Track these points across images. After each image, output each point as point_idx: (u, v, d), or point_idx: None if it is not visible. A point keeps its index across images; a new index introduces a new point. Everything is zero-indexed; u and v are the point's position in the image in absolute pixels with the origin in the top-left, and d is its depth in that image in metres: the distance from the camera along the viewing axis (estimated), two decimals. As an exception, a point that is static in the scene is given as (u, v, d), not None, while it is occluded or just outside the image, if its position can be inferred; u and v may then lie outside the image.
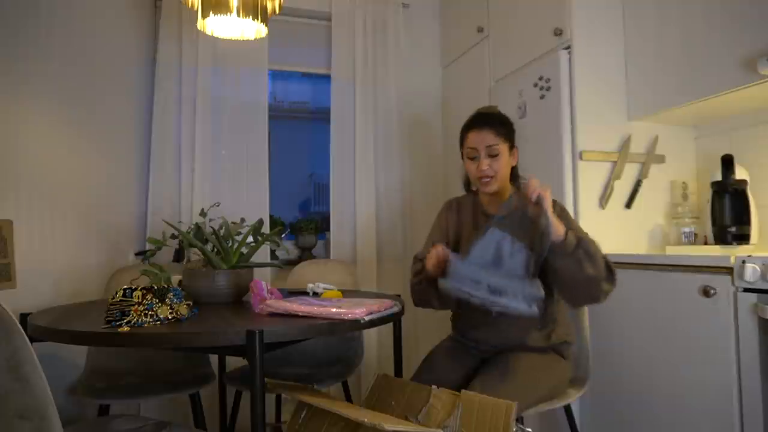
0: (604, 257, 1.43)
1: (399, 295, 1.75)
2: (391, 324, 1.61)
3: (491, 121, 1.58)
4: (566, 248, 1.36)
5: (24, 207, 1.73)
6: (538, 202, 1.34)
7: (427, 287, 1.54)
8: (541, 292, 1.32)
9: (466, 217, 1.70)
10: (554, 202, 1.57)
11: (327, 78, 2.94)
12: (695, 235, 2.06)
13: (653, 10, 2.03)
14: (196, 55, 2.62)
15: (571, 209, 2.05)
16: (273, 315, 1.40)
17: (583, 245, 1.37)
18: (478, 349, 1.62)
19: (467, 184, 1.77)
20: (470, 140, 1.59)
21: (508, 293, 1.31)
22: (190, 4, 1.91)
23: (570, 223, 1.53)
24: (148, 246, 1.76)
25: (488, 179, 1.57)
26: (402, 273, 2.73)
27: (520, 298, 1.30)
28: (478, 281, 1.33)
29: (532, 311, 1.29)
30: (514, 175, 1.68)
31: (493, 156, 1.56)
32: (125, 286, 1.32)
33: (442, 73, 3.17)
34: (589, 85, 2.08)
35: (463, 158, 1.65)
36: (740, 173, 1.90)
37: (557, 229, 1.36)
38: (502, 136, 1.57)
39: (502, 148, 1.57)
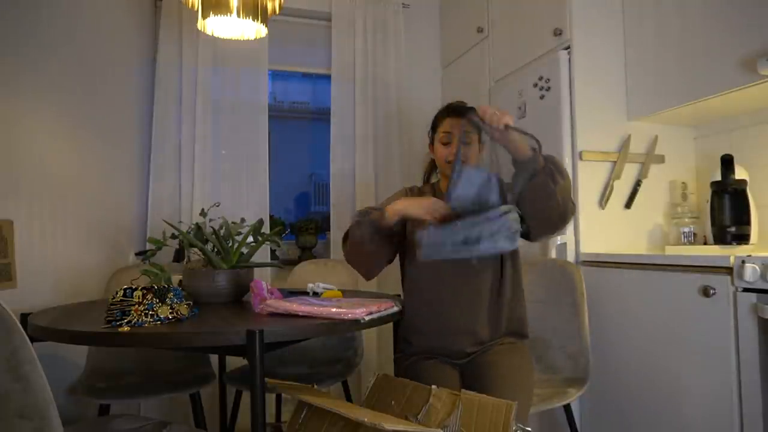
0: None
1: (399, 295, 1.75)
2: (391, 324, 1.61)
3: (468, 111, 1.58)
4: (538, 162, 1.38)
5: (24, 207, 1.73)
6: (507, 127, 1.34)
7: (371, 229, 1.51)
8: (518, 224, 1.33)
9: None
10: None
11: (327, 78, 2.94)
12: (695, 235, 2.06)
13: (653, 10, 2.03)
14: (196, 55, 2.63)
15: (570, 209, 2.05)
16: (273, 315, 1.40)
17: (549, 157, 1.41)
18: (457, 359, 1.58)
19: (428, 174, 1.81)
20: (446, 125, 1.64)
21: (485, 236, 1.30)
22: (190, 4, 1.91)
23: None
24: (149, 246, 1.76)
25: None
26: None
27: (500, 237, 1.30)
28: (455, 241, 1.33)
29: (514, 246, 1.33)
30: None
31: (466, 143, 1.59)
32: (125, 286, 1.32)
33: (442, 73, 3.17)
34: (589, 85, 2.08)
35: (431, 144, 1.70)
36: (740, 173, 1.90)
37: (525, 145, 1.38)
38: (477, 128, 1.57)
39: (474, 138, 1.62)
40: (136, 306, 1.28)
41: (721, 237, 1.90)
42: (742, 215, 1.88)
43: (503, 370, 1.48)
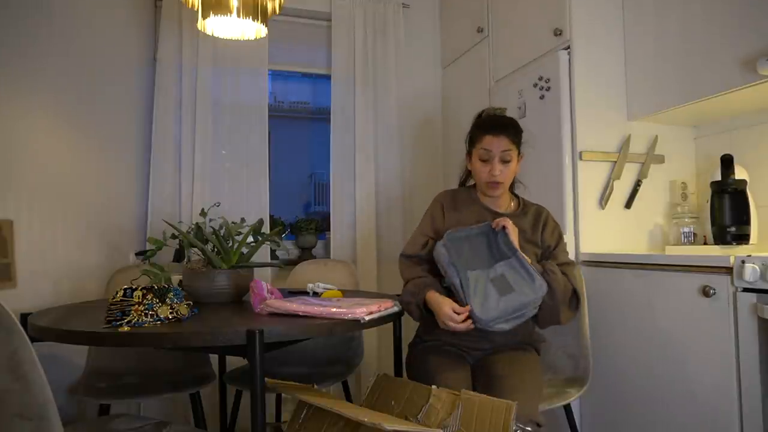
0: (573, 288, 1.57)
1: (399, 295, 1.75)
2: (391, 324, 1.61)
3: (508, 128, 1.62)
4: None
5: (24, 207, 1.73)
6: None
7: (416, 311, 1.56)
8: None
9: (467, 213, 1.68)
10: (548, 217, 1.69)
11: (327, 78, 2.94)
12: (695, 235, 2.06)
13: (653, 10, 2.03)
14: (196, 55, 2.63)
15: (570, 209, 2.05)
16: (273, 315, 1.40)
17: (545, 276, 1.51)
18: (469, 353, 1.62)
19: (464, 179, 1.78)
20: (486, 142, 1.61)
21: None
22: (190, 4, 1.91)
23: (558, 243, 1.66)
24: (149, 246, 1.75)
25: (497, 184, 1.62)
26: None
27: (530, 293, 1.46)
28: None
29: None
30: (513, 181, 1.75)
31: (505, 162, 1.60)
32: (125, 286, 1.32)
33: (442, 73, 3.17)
34: (589, 85, 2.08)
35: (469, 156, 1.67)
36: (740, 173, 1.90)
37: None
38: (515, 144, 1.61)
39: (514, 155, 1.61)
40: (136, 306, 1.28)
41: (721, 237, 1.90)
42: (742, 215, 1.87)
43: (514, 362, 1.51)
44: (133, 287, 1.32)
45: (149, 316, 1.28)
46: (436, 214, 1.70)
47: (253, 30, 2.03)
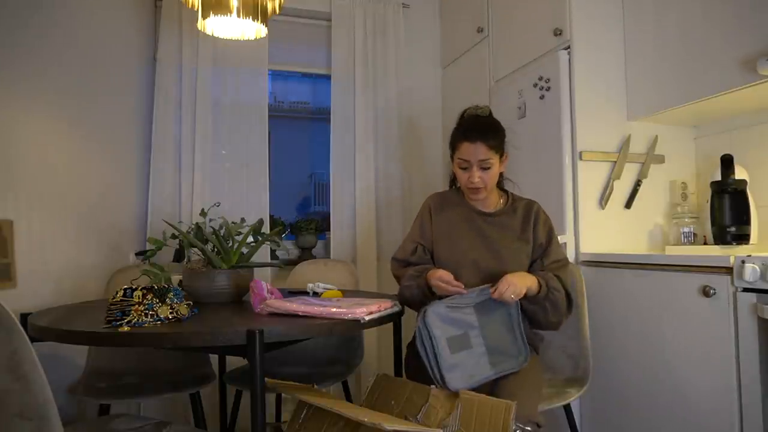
0: (566, 291, 1.56)
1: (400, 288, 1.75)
2: (391, 324, 1.61)
3: (485, 133, 1.57)
4: (535, 300, 1.51)
5: (24, 207, 1.73)
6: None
7: (417, 293, 1.55)
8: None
9: (455, 216, 1.68)
10: (539, 211, 1.67)
11: (327, 78, 2.94)
12: (695, 235, 2.06)
13: (653, 9, 2.03)
14: (196, 55, 2.63)
15: (570, 209, 2.05)
16: (273, 315, 1.40)
17: (550, 296, 1.51)
18: None
19: (453, 181, 1.77)
20: (462, 151, 1.58)
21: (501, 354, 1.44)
22: (190, 4, 1.91)
23: (551, 239, 1.63)
24: (149, 246, 1.75)
25: (478, 189, 1.60)
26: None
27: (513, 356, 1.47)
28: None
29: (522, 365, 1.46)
30: (501, 179, 1.72)
31: (484, 168, 1.57)
32: (125, 286, 1.32)
33: (442, 73, 3.17)
34: (589, 85, 2.08)
35: (452, 160, 1.65)
36: (740, 173, 1.90)
37: (531, 290, 1.48)
38: (494, 149, 1.57)
39: (494, 160, 1.57)
40: (136, 306, 1.28)
41: (721, 237, 1.90)
42: (742, 215, 1.87)
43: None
44: (133, 287, 1.32)
45: (149, 316, 1.28)
46: (425, 219, 1.71)
47: (253, 30, 2.03)
